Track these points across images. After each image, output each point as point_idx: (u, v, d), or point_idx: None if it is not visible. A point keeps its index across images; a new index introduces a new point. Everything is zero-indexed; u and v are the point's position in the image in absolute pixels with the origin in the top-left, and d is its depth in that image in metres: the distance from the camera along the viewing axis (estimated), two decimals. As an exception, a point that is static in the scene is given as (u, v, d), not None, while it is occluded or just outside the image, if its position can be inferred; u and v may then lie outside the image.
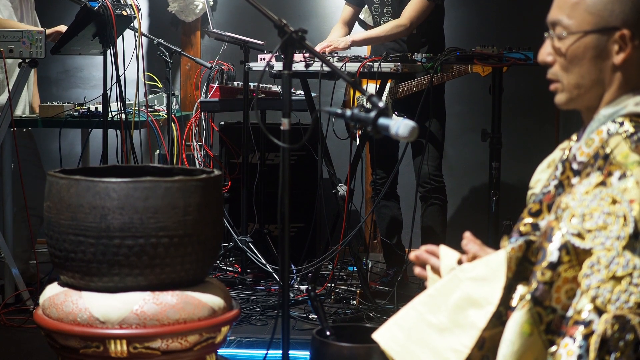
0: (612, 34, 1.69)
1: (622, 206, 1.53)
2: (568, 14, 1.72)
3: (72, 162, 5.17)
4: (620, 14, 1.69)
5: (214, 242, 2.67)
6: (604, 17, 1.69)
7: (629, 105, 1.69)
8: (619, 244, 1.51)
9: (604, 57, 1.70)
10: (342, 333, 2.76)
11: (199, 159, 4.83)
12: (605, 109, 1.71)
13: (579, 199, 1.57)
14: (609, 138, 1.63)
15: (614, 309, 1.48)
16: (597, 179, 1.58)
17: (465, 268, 1.73)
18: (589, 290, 1.50)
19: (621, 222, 1.52)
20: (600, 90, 1.72)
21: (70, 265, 2.52)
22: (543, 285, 1.55)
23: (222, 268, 4.71)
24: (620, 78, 1.71)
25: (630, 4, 1.69)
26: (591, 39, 1.70)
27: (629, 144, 1.59)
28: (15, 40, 3.96)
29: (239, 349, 3.52)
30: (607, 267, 1.50)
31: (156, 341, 2.47)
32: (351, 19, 4.55)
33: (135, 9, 4.19)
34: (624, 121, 1.65)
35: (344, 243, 4.02)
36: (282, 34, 2.44)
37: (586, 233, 1.54)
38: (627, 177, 1.55)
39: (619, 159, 1.58)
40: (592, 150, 1.65)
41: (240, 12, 5.68)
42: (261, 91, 4.73)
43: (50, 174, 2.60)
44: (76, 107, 4.44)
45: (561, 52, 1.73)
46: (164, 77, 4.67)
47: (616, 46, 1.69)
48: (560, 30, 1.73)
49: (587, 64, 1.71)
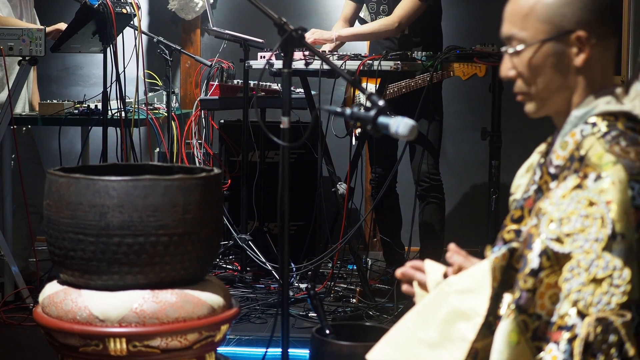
0: (568, 38, 1.68)
1: (599, 208, 1.52)
2: (521, 27, 1.71)
3: (72, 160, 5.17)
4: (572, 16, 1.67)
5: (214, 240, 2.67)
6: (557, 23, 1.68)
7: (599, 104, 1.68)
8: (598, 246, 1.50)
9: (565, 61, 1.69)
10: (341, 331, 2.76)
11: (198, 157, 4.83)
12: (576, 111, 1.69)
13: (556, 204, 1.57)
14: (583, 139, 1.62)
15: (596, 311, 1.48)
16: (574, 182, 1.57)
17: (451, 281, 1.73)
18: (570, 295, 1.50)
19: (599, 224, 1.51)
20: (567, 94, 1.71)
21: (69, 264, 2.52)
22: (526, 293, 1.54)
23: (221, 266, 4.71)
24: (585, 79, 1.70)
25: (581, 4, 1.68)
26: (549, 46, 1.69)
27: (603, 144, 1.58)
28: (15, 38, 3.95)
29: (238, 347, 3.52)
30: (587, 270, 1.50)
31: (156, 339, 2.47)
32: (352, 16, 4.54)
33: (135, 6, 4.19)
34: (596, 121, 1.64)
35: (344, 241, 4.02)
36: (282, 32, 2.44)
37: (565, 237, 1.53)
38: (602, 178, 1.53)
39: (594, 160, 1.56)
40: (567, 153, 1.64)
41: (240, 10, 5.68)
42: (261, 89, 4.73)
43: (50, 172, 2.60)
44: (76, 105, 4.44)
45: (522, 65, 1.72)
46: (163, 75, 4.67)
47: (575, 49, 1.68)
48: (516, 43, 1.72)
49: (550, 72, 1.70)
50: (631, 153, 1.56)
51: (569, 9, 1.67)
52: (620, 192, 1.52)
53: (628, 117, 1.65)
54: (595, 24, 1.68)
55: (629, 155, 1.56)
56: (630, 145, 1.58)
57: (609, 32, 1.71)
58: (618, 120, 1.64)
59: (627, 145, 1.58)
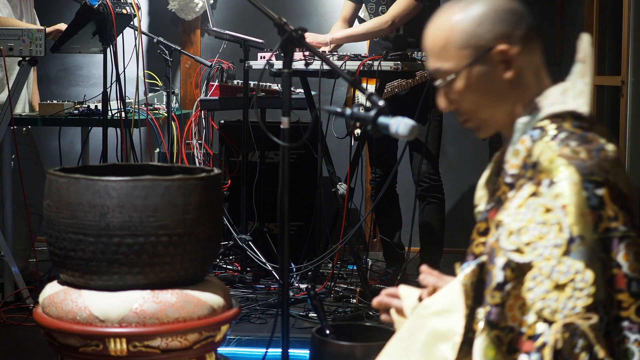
0: (490, 56, 1.67)
1: (555, 213, 1.52)
2: (443, 59, 1.71)
3: (72, 160, 5.17)
4: (487, 34, 1.67)
5: (214, 240, 2.67)
6: (475, 44, 1.68)
7: (544, 108, 1.67)
8: (558, 252, 1.50)
9: (496, 78, 1.69)
10: (341, 332, 2.76)
11: (198, 158, 4.83)
12: (522, 118, 1.69)
13: (513, 214, 1.56)
14: (533, 145, 1.61)
15: (562, 317, 1.47)
16: (529, 189, 1.56)
17: (426, 304, 1.73)
18: (535, 304, 1.49)
19: (556, 230, 1.51)
20: (509, 108, 1.71)
21: (69, 264, 2.52)
22: (495, 308, 1.54)
23: (221, 266, 4.71)
24: (521, 87, 1.70)
25: (491, 20, 1.68)
26: (475, 70, 1.68)
27: (553, 148, 1.58)
28: (15, 39, 3.95)
29: (238, 348, 3.52)
30: (549, 277, 1.49)
31: (156, 340, 2.47)
32: (351, 16, 4.54)
33: (135, 7, 4.19)
34: (544, 125, 1.64)
35: (344, 241, 4.02)
36: (282, 32, 2.44)
37: (525, 247, 1.53)
38: (556, 183, 1.53)
39: (546, 165, 1.56)
40: (520, 161, 1.63)
41: (240, 10, 5.68)
42: (261, 90, 4.73)
43: (49, 173, 2.60)
44: (76, 105, 4.44)
45: (456, 94, 1.72)
46: (163, 76, 4.67)
47: (501, 64, 1.68)
48: (444, 75, 1.72)
49: (485, 93, 1.70)
50: (582, 153, 1.56)
51: (481, 28, 1.67)
52: (575, 195, 1.51)
53: (574, 116, 1.65)
54: (512, 33, 1.68)
55: (579, 155, 1.55)
56: (580, 144, 1.57)
57: (528, 35, 1.70)
58: (565, 120, 1.64)
59: (578, 145, 1.57)
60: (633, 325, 1.50)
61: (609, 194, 1.53)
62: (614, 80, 4.19)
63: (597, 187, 1.53)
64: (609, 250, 1.51)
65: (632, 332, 1.49)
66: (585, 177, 1.53)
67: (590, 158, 1.55)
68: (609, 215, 1.52)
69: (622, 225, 1.52)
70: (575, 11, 5.16)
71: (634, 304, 1.50)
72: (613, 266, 1.51)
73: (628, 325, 1.50)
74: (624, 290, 1.50)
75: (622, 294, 1.50)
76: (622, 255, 1.51)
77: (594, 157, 1.55)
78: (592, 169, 1.54)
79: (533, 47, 1.71)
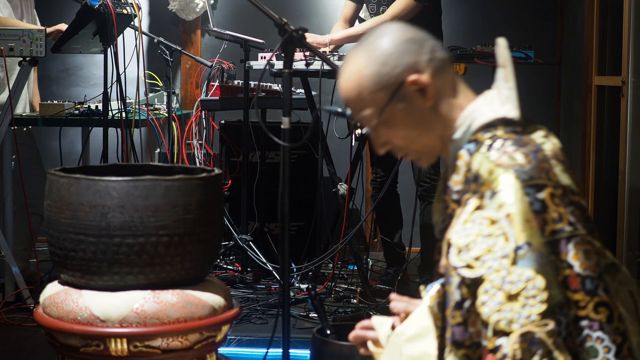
0: (405, 89, 1.68)
1: (500, 224, 1.51)
2: (361, 107, 1.72)
3: (73, 160, 5.17)
4: (394, 69, 1.68)
5: (215, 240, 2.67)
6: (386, 83, 1.68)
7: (474, 120, 1.67)
8: (507, 262, 1.49)
9: (417, 109, 1.70)
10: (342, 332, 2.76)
11: (199, 158, 4.83)
12: (455, 136, 1.70)
13: (460, 231, 1.56)
14: (471, 159, 1.61)
15: (519, 327, 1.47)
16: (474, 203, 1.56)
17: (399, 331, 1.74)
18: (490, 317, 1.49)
19: (503, 240, 1.51)
20: (438, 132, 1.71)
21: (70, 264, 2.52)
22: (458, 328, 1.54)
23: (222, 267, 4.71)
24: (444, 109, 1.71)
25: (395, 55, 1.68)
26: (395, 107, 1.69)
27: (490, 158, 1.58)
28: (16, 39, 3.95)
29: (239, 348, 3.52)
30: (500, 289, 1.49)
31: (156, 340, 2.47)
32: (352, 16, 4.54)
33: (136, 7, 4.19)
34: (477, 137, 1.64)
35: (345, 242, 4.02)
36: (283, 32, 2.44)
37: (474, 262, 1.52)
38: (497, 193, 1.53)
39: (486, 177, 1.56)
40: (462, 177, 1.63)
41: (240, 10, 5.68)
42: (262, 90, 4.73)
43: (50, 173, 2.60)
44: (76, 105, 4.44)
45: (385, 135, 1.73)
46: (164, 76, 4.67)
47: (417, 93, 1.68)
48: (368, 121, 1.72)
49: (411, 126, 1.71)
50: (519, 158, 1.56)
51: (387, 67, 1.68)
52: (518, 202, 1.51)
53: (506, 122, 1.65)
54: (417, 61, 1.69)
55: (517, 161, 1.55)
56: (516, 149, 1.57)
57: (434, 57, 1.71)
58: (497, 128, 1.63)
59: (514, 150, 1.57)
60: (593, 323, 1.49)
61: (551, 195, 1.53)
62: (615, 81, 4.19)
63: (538, 190, 1.52)
64: (558, 252, 1.51)
65: (592, 330, 1.49)
66: (526, 182, 1.53)
67: (528, 162, 1.55)
68: (553, 217, 1.52)
69: (567, 226, 1.52)
70: (576, 11, 5.16)
71: (590, 302, 1.50)
72: (564, 267, 1.50)
73: (588, 324, 1.49)
74: (579, 289, 1.50)
75: (578, 293, 1.49)
76: (571, 255, 1.51)
77: (532, 160, 1.55)
78: (532, 172, 1.54)
79: (443, 67, 1.72)
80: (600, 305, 1.50)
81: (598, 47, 4.62)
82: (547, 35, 5.56)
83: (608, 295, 1.51)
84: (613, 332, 1.49)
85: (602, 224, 4.56)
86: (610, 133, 4.46)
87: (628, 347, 1.49)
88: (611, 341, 1.49)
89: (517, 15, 5.58)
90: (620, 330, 1.50)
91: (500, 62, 1.73)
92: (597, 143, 4.64)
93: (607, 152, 4.52)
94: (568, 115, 5.38)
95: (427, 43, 1.71)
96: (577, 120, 4.97)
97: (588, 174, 4.69)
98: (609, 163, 4.46)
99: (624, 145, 3.89)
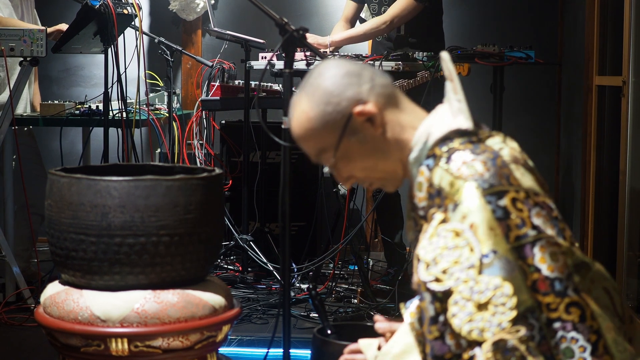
0: (353, 122, 1.70)
1: (464, 235, 1.53)
2: (316, 148, 1.75)
3: (73, 160, 5.17)
4: (338, 105, 1.70)
5: (215, 240, 2.67)
6: (334, 120, 1.70)
7: (429, 137, 1.69)
8: (474, 272, 1.50)
9: (369, 138, 1.72)
10: (343, 332, 2.76)
11: (200, 158, 4.83)
12: (412, 154, 1.71)
13: (426, 246, 1.58)
14: (432, 174, 1.63)
15: (491, 335, 1.47)
16: (439, 217, 1.58)
17: (385, 351, 1.77)
18: (462, 328, 1.50)
19: (468, 251, 1.52)
20: (396, 156, 1.73)
21: (71, 264, 2.52)
22: (436, 342, 1.54)
23: (223, 267, 4.71)
24: (396, 132, 1.72)
25: (336, 91, 1.71)
26: (348, 141, 1.71)
27: (450, 170, 1.59)
28: (16, 39, 3.95)
29: (240, 348, 3.52)
30: (470, 299, 1.50)
31: (157, 340, 2.47)
32: (353, 16, 4.54)
33: (137, 7, 4.19)
34: (435, 151, 1.65)
35: (345, 242, 4.02)
36: (283, 32, 2.44)
37: (442, 275, 1.53)
38: (459, 205, 1.54)
39: (448, 190, 1.57)
40: (425, 193, 1.65)
41: (241, 10, 5.68)
42: (262, 90, 4.73)
43: (51, 173, 2.60)
44: (77, 105, 4.44)
45: (346, 170, 1.76)
46: (165, 76, 4.67)
47: (365, 123, 1.70)
48: (326, 160, 1.75)
49: (368, 156, 1.73)
50: (478, 167, 1.57)
51: (331, 105, 1.70)
52: (480, 211, 1.52)
53: (460, 133, 1.66)
54: (359, 91, 1.71)
55: (476, 170, 1.56)
56: (474, 158, 1.59)
57: (375, 84, 1.72)
58: (453, 140, 1.65)
59: (472, 160, 1.58)
60: (566, 324, 1.49)
61: (513, 200, 1.54)
62: (615, 81, 4.18)
63: (499, 198, 1.53)
64: (525, 257, 1.51)
65: (566, 331, 1.49)
66: (486, 191, 1.54)
67: (487, 170, 1.56)
68: (517, 223, 1.52)
69: (531, 230, 1.52)
70: (577, 11, 5.16)
71: (561, 303, 1.50)
72: (532, 271, 1.51)
73: (561, 325, 1.49)
74: (549, 292, 1.50)
75: (548, 296, 1.50)
76: (538, 258, 1.51)
77: (490, 168, 1.57)
78: (492, 180, 1.55)
79: (386, 92, 1.73)
80: (572, 306, 1.50)
81: (599, 47, 4.62)
82: (548, 35, 5.56)
83: (578, 295, 1.51)
84: (587, 331, 1.49)
85: (603, 223, 4.56)
86: (610, 133, 4.46)
87: (603, 344, 1.49)
88: (586, 340, 1.49)
89: (518, 15, 5.58)
90: (594, 329, 1.49)
91: (447, 76, 1.75)
92: (598, 143, 4.64)
93: (608, 152, 4.52)
94: (568, 115, 5.38)
95: (365, 72, 1.73)
96: (578, 120, 4.97)
97: (589, 174, 4.69)
98: (609, 163, 4.46)
99: (625, 145, 3.88)
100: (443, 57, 1.75)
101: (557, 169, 5.54)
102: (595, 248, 4.67)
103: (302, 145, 1.77)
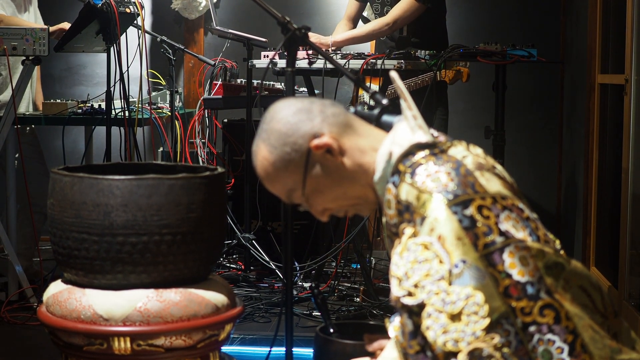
0: (313, 156, 1.72)
1: (433, 247, 1.53)
2: (284, 189, 1.77)
3: (76, 159, 5.17)
4: (295, 144, 1.72)
5: (218, 239, 2.67)
6: (294, 158, 1.73)
7: (392, 155, 1.70)
8: (444, 284, 1.51)
9: (332, 169, 1.73)
10: (345, 330, 2.76)
11: (202, 157, 4.83)
12: (376, 174, 1.73)
13: (398, 261, 1.58)
14: (398, 190, 1.64)
15: (466, 345, 1.48)
16: (409, 232, 1.59)
17: None
18: (436, 340, 1.50)
19: (437, 262, 1.52)
20: (362, 180, 1.75)
21: (73, 263, 2.52)
22: (418, 356, 1.55)
23: (225, 265, 4.72)
24: (357, 157, 1.74)
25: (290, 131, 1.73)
26: (313, 175, 1.73)
27: (415, 185, 1.60)
28: (19, 38, 3.96)
29: (242, 346, 3.52)
30: (442, 311, 1.50)
31: (160, 338, 2.47)
32: (356, 15, 4.54)
33: (139, 6, 4.19)
34: (399, 168, 1.67)
35: (347, 240, 4.02)
36: (286, 31, 2.44)
37: (414, 289, 1.54)
38: (427, 218, 1.55)
39: (415, 204, 1.59)
40: (394, 209, 1.66)
41: (243, 9, 5.68)
42: (264, 88, 4.73)
43: (53, 172, 2.60)
44: (79, 104, 4.44)
45: (318, 204, 1.78)
46: (167, 75, 4.67)
47: (325, 155, 1.72)
48: (295, 197, 1.77)
49: (335, 185, 1.75)
50: (442, 179, 1.58)
51: (288, 145, 1.73)
52: (447, 222, 1.53)
53: (421, 147, 1.68)
54: (312, 125, 1.73)
55: (440, 182, 1.58)
56: (438, 170, 1.60)
57: (326, 116, 1.74)
58: (414, 155, 1.67)
59: (436, 172, 1.60)
60: (541, 327, 1.49)
61: (479, 208, 1.54)
62: (618, 79, 4.18)
63: (465, 207, 1.54)
64: (495, 264, 1.52)
65: (542, 333, 1.49)
66: (452, 201, 1.55)
67: (451, 180, 1.57)
68: (484, 230, 1.53)
69: (498, 237, 1.53)
70: (579, 9, 5.16)
71: (534, 307, 1.50)
72: (503, 277, 1.51)
73: (536, 328, 1.49)
74: (521, 296, 1.50)
75: (521, 301, 1.50)
76: (508, 264, 1.52)
77: (454, 178, 1.58)
78: (456, 191, 1.56)
79: (338, 120, 1.75)
80: (545, 308, 1.50)
81: (601, 46, 4.61)
82: (551, 34, 5.55)
83: (551, 297, 1.51)
84: (563, 332, 1.49)
85: (605, 222, 4.55)
86: (613, 131, 4.45)
87: (581, 343, 1.49)
88: (562, 341, 1.49)
89: (521, 13, 5.57)
90: (570, 329, 1.50)
91: (399, 94, 1.76)
92: (601, 141, 4.63)
93: (611, 150, 4.52)
94: (571, 113, 5.37)
95: (314, 107, 1.75)
96: (580, 118, 4.97)
97: (591, 173, 4.69)
98: (612, 161, 4.46)
99: (627, 144, 3.88)
100: (392, 76, 1.79)
101: (559, 168, 5.54)
102: (597, 246, 4.67)
103: (270, 189, 1.80)
